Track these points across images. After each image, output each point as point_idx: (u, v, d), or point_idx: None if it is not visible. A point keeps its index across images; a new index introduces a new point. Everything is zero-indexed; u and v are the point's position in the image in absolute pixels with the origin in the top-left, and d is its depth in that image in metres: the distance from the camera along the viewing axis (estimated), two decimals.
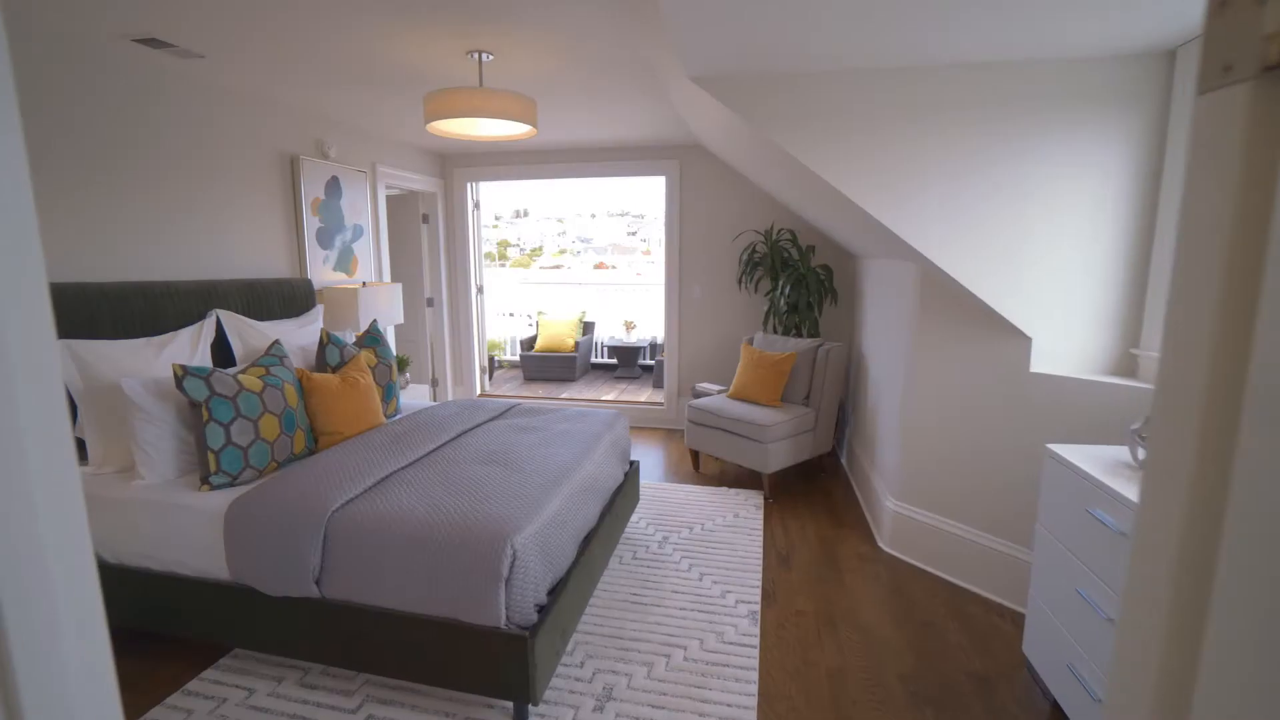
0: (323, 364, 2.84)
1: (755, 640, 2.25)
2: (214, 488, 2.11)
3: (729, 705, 1.92)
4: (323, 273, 3.65)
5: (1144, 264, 2.20)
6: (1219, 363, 0.37)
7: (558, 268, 12.00)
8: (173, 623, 2.08)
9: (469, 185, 5.17)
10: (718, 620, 2.37)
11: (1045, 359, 2.36)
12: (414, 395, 4.22)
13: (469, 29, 2.30)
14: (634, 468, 3.08)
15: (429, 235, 5.11)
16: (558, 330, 7.06)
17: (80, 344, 2.22)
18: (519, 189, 10.90)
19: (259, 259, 3.24)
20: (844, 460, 4.26)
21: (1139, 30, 1.89)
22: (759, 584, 2.64)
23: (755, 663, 2.12)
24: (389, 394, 3.03)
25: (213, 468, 2.11)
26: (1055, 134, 2.16)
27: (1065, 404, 2.27)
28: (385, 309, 3.74)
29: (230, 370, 2.30)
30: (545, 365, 6.93)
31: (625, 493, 2.84)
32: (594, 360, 7.75)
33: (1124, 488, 1.57)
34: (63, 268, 2.35)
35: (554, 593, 1.94)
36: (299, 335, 3.03)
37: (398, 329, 5.17)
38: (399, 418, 2.83)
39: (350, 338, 3.34)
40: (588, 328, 7.58)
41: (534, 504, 1.96)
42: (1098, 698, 1.56)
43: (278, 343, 2.61)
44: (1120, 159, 2.15)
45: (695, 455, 4.04)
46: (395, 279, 5.02)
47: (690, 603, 2.49)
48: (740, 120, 2.48)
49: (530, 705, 1.80)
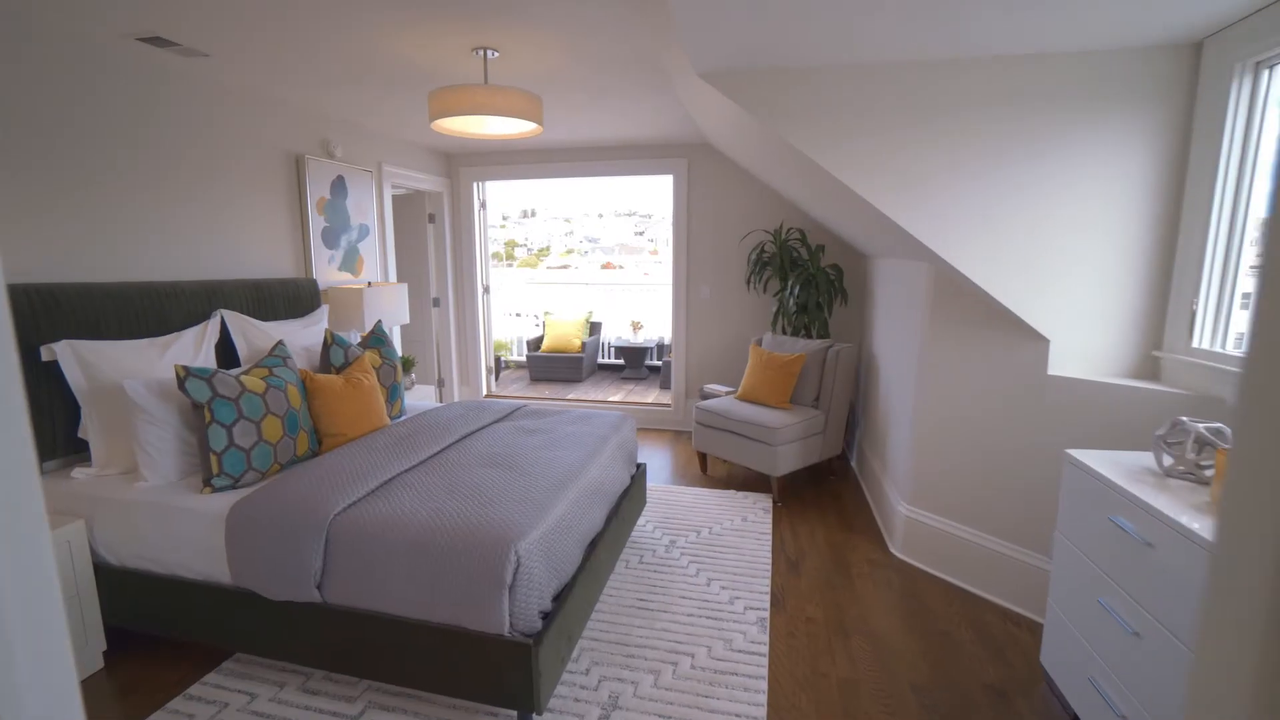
0: (327, 365, 2.81)
1: (764, 648, 2.20)
2: (216, 490, 2.09)
3: (737, 715, 1.87)
4: (328, 273, 3.64)
5: (1167, 263, 2.13)
6: None
7: (565, 268, 11.98)
8: (175, 626, 2.06)
9: (475, 185, 5.14)
10: (726, 627, 2.32)
11: (1063, 361, 2.29)
12: (420, 396, 4.20)
13: (474, 25, 2.27)
14: (641, 470, 3.04)
15: (435, 235, 5.09)
16: (564, 331, 7.03)
17: (83, 344, 2.20)
18: (526, 189, 10.89)
19: (264, 259, 3.23)
20: (854, 463, 4.20)
21: (1163, 21, 1.82)
22: (768, 590, 2.59)
23: (764, 671, 2.08)
24: (393, 395, 3.01)
25: (215, 470, 2.08)
26: (1075, 129, 2.10)
27: (1084, 408, 2.21)
28: (390, 309, 3.72)
29: (233, 371, 2.28)
30: (552, 366, 6.90)
31: (632, 496, 2.80)
32: (601, 361, 7.71)
33: (1148, 495, 1.51)
34: (66, 268, 2.34)
35: (559, 598, 1.90)
36: (303, 336, 3.01)
37: (404, 329, 5.15)
38: (403, 419, 2.80)
39: (355, 338, 3.32)
40: (594, 328, 7.54)
41: (539, 508, 1.92)
42: (1121, 713, 1.50)
43: (281, 343, 2.58)
44: (1143, 155, 2.08)
45: (703, 457, 4.00)
46: (401, 279, 5.00)
47: (698, 608, 2.44)
48: (749, 117, 2.44)
49: (534, 714, 1.76)
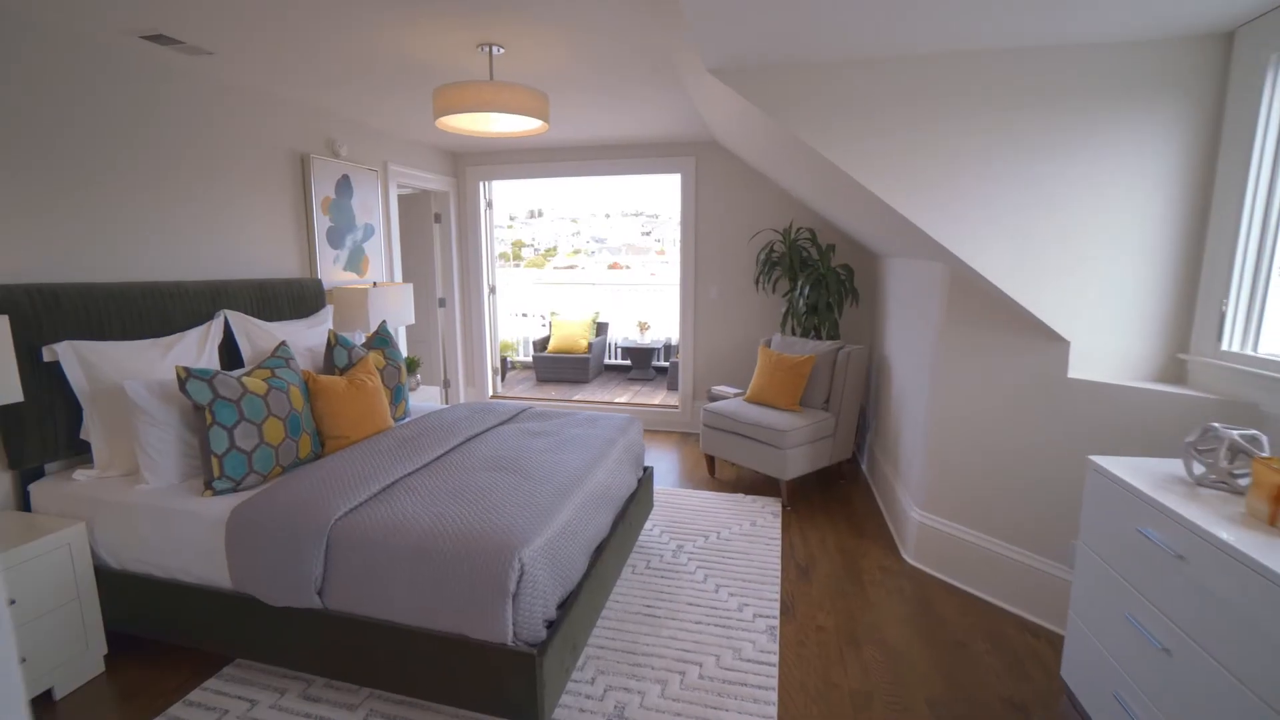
0: (330, 366, 2.78)
1: (774, 658, 2.14)
2: (217, 493, 2.05)
3: None
4: (333, 273, 3.61)
5: (1194, 262, 2.06)
6: None
7: (572, 268, 11.96)
8: (175, 631, 2.03)
9: (481, 184, 5.11)
10: (734, 635, 2.27)
11: (1084, 364, 2.22)
12: (425, 397, 4.16)
13: (479, 20, 2.23)
14: (648, 474, 2.99)
15: (441, 235, 5.06)
16: (571, 331, 6.99)
17: (85, 345, 2.18)
18: (533, 189, 10.88)
19: (268, 259, 3.20)
20: (864, 466, 4.13)
21: (1193, 10, 1.75)
22: (777, 597, 2.53)
23: (774, 682, 2.02)
24: (397, 396, 2.97)
25: (216, 472, 2.05)
26: (1099, 124, 2.03)
27: (1106, 412, 2.14)
28: (396, 309, 3.69)
29: (235, 372, 2.24)
30: (558, 366, 6.86)
31: (639, 500, 2.75)
32: (607, 361, 7.66)
33: (1179, 505, 1.44)
34: (68, 267, 2.31)
35: (564, 605, 1.86)
36: (307, 336, 2.98)
37: (409, 330, 5.13)
38: (407, 421, 2.77)
39: (360, 339, 3.29)
40: (601, 328, 7.50)
41: (544, 514, 1.87)
42: None
43: (284, 344, 2.55)
44: (1170, 150, 2.01)
45: (711, 460, 3.94)
46: (407, 279, 4.98)
47: (705, 616, 2.39)
48: (761, 115, 2.38)
49: None
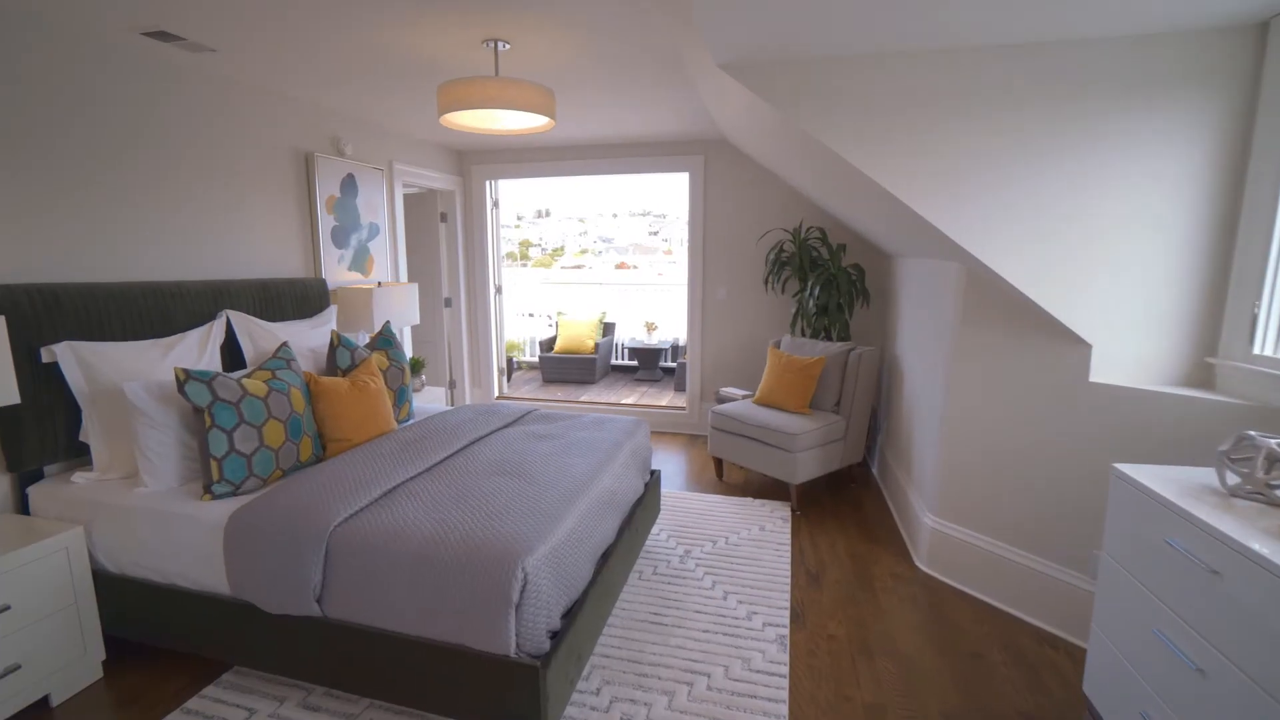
0: (333, 367, 2.74)
1: (784, 669, 2.09)
2: (216, 497, 2.02)
3: None
4: (337, 272, 3.58)
5: (1224, 262, 1.98)
6: None
7: (579, 267, 11.93)
8: (173, 637, 2.00)
9: (488, 183, 5.07)
10: (743, 645, 2.21)
11: (1106, 368, 2.15)
12: (430, 398, 4.13)
13: (484, 15, 2.18)
14: (655, 477, 2.93)
15: (447, 234, 5.03)
16: (577, 331, 6.94)
17: (84, 346, 2.15)
18: (541, 189, 10.84)
19: (272, 258, 3.17)
20: (875, 470, 4.06)
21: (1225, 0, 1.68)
22: (787, 604, 2.47)
23: (785, 694, 1.96)
24: (401, 398, 2.93)
25: (215, 476, 2.02)
26: (1123, 120, 1.96)
27: (1130, 418, 2.06)
28: (401, 309, 3.65)
29: (235, 374, 2.21)
30: (564, 367, 6.82)
31: (646, 504, 2.69)
32: (614, 362, 7.61)
33: (1213, 517, 1.37)
34: (68, 267, 2.29)
35: (569, 614, 1.81)
36: (311, 337, 2.95)
37: (415, 330, 5.10)
38: (411, 423, 2.73)
39: (364, 339, 3.25)
40: (608, 329, 7.45)
41: (548, 521, 1.82)
42: None
43: (285, 345, 2.52)
44: (1199, 145, 1.93)
45: (719, 463, 3.88)
46: (412, 279, 4.95)
47: (714, 624, 2.33)
48: (772, 112, 2.32)
49: None
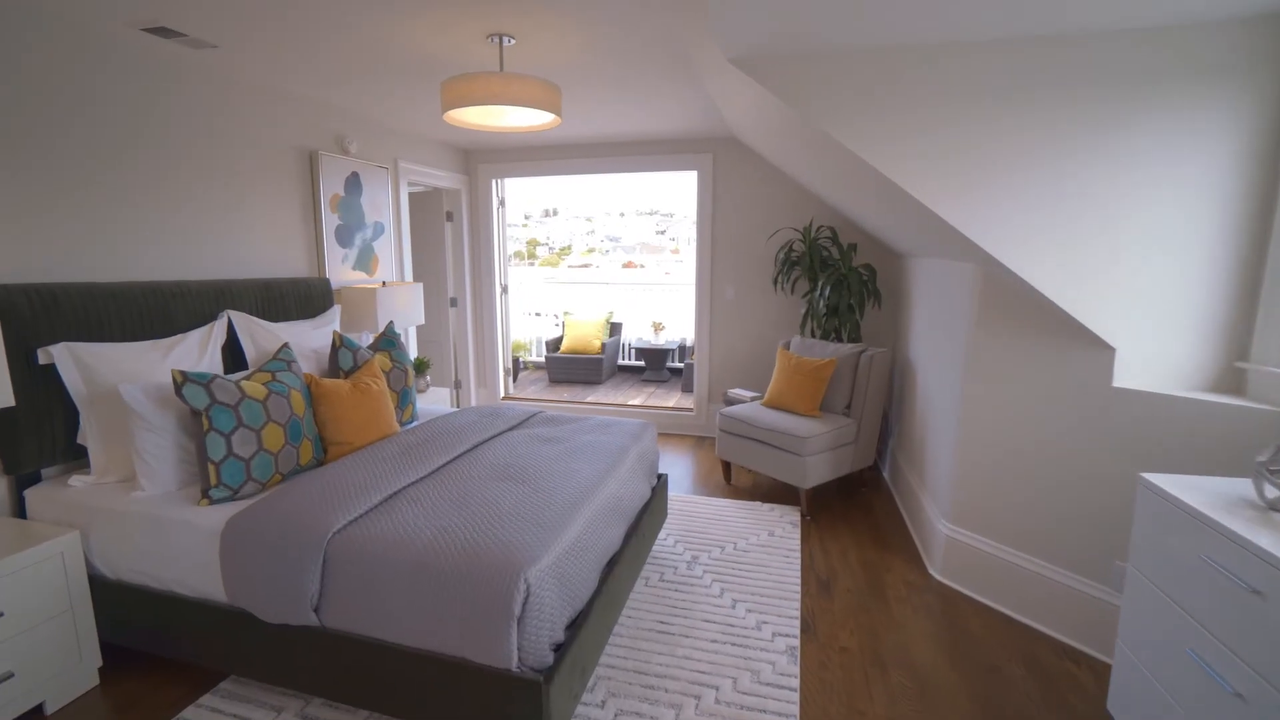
0: (335, 368, 2.70)
1: (795, 682, 2.02)
2: (214, 502, 1.98)
3: None
4: (342, 272, 3.54)
5: (1257, 262, 1.90)
6: None
7: (586, 266, 11.89)
8: (169, 645, 1.96)
9: (494, 182, 5.03)
10: (753, 656, 2.15)
11: (1130, 372, 2.07)
12: (435, 399, 4.08)
13: (488, 8, 2.12)
14: (662, 481, 2.88)
15: (453, 233, 4.99)
16: (584, 331, 6.89)
17: (82, 347, 2.11)
18: (548, 188, 10.81)
19: (275, 258, 3.14)
20: (886, 474, 3.98)
21: None
22: (797, 614, 2.41)
23: (795, 709, 1.90)
24: (404, 400, 2.89)
25: (213, 480, 1.98)
26: (1150, 114, 1.88)
27: (1156, 425, 1.99)
28: (405, 309, 3.61)
29: (234, 376, 2.17)
30: (571, 367, 6.77)
31: (653, 510, 2.64)
32: (621, 362, 7.56)
33: (1251, 533, 1.30)
34: (67, 267, 2.25)
35: (573, 626, 1.75)
36: (313, 337, 2.91)
37: (420, 330, 5.06)
38: (414, 425, 2.68)
39: (367, 339, 3.21)
40: (615, 328, 7.39)
41: (552, 529, 1.77)
42: None
43: (286, 346, 2.48)
44: (1232, 141, 1.85)
45: (726, 466, 3.82)
46: (417, 278, 4.91)
47: (722, 634, 2.27)
48: (784, 108, 2.25)
49: None
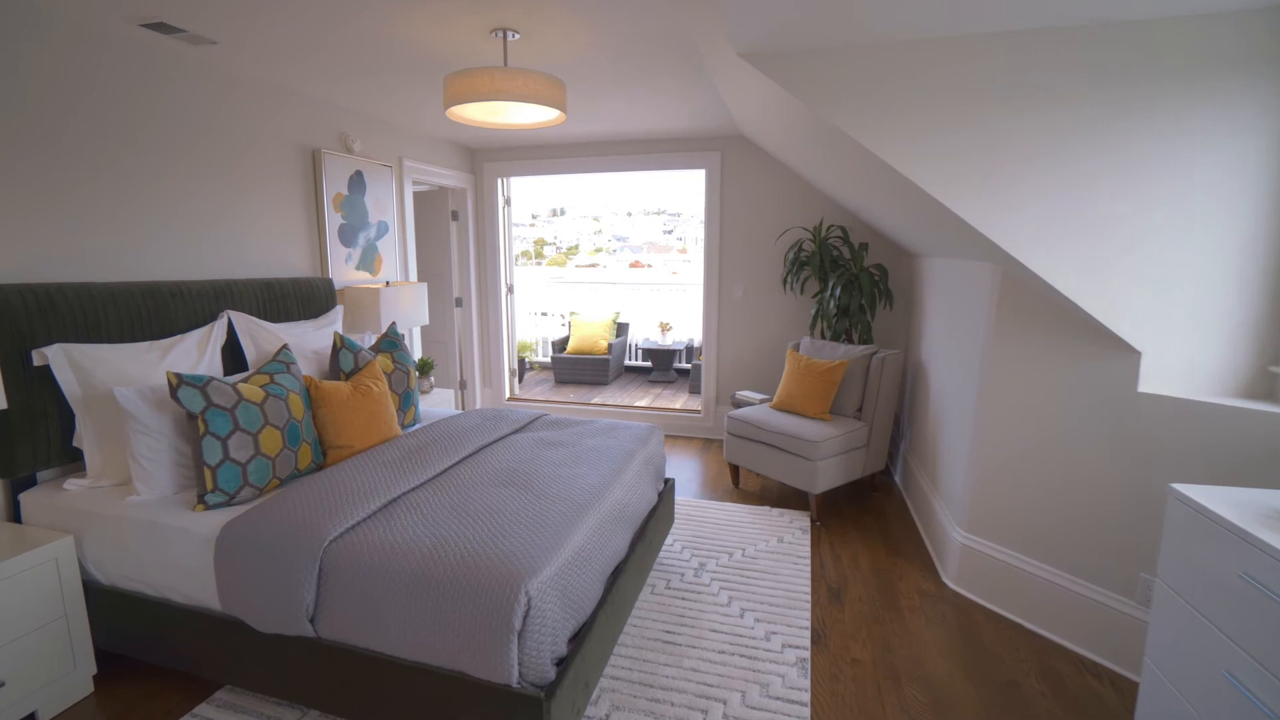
0: (336, 370, 2.66)
1: (805, 695, 1.96)
2: (209, 507, 1.93)
3: None
4: (345, 271, 3.50)
5: None
6: None
7: (594, 266, 11.85)
8: (162, 653, 1.92)
9: (500, 181, 4.98)
10: (761, 668, 2.09)
11: (1157, 377, 1.99)
12: (439, 400, 4.04)
13: (491, 1, 2.07)
14: (669, 486, 2.81)
15: (458, 233, 4.94)
16: (590, 331, 6.84)
17: (77, 348, 2.07)
18: (556, 188, 10.77)
19: (277, 257, 3.10)
20: (898, 478, 3.90)
21: None
22: (807, 623, 2.34)
23: None
24: (406, 402, 2.84)
25: (209, 485, 1.93)
26: (1181, 107, 1.80)
27: (1184, 433, 1.90)
28: (409, 310, 3.56)
29: (230, 378, 2.12)
30: (577, 368, 6.72)
31: (659, 515, 2.57)
32: (628, 363, 7.49)
33: None
34: (65, 267, 2.21)
35: (577, 637, 1.69)
36: (315, 338, 2.87)
37: (424, 330, 5.02)
38: (416, 429, 2.63)
39: (370, 340, 3.17)
40: (621, 329, 7.33)
41: (555, 538, 1.71)
42: None
43: (285, 348, 2.43)
44: (1264, 135, 1.77)
45: (735, 470, 3.75)
46: (422, 278, 4.87)
47: (730, 644, 2.21)
48: (794, 103, 2.19)
49: None
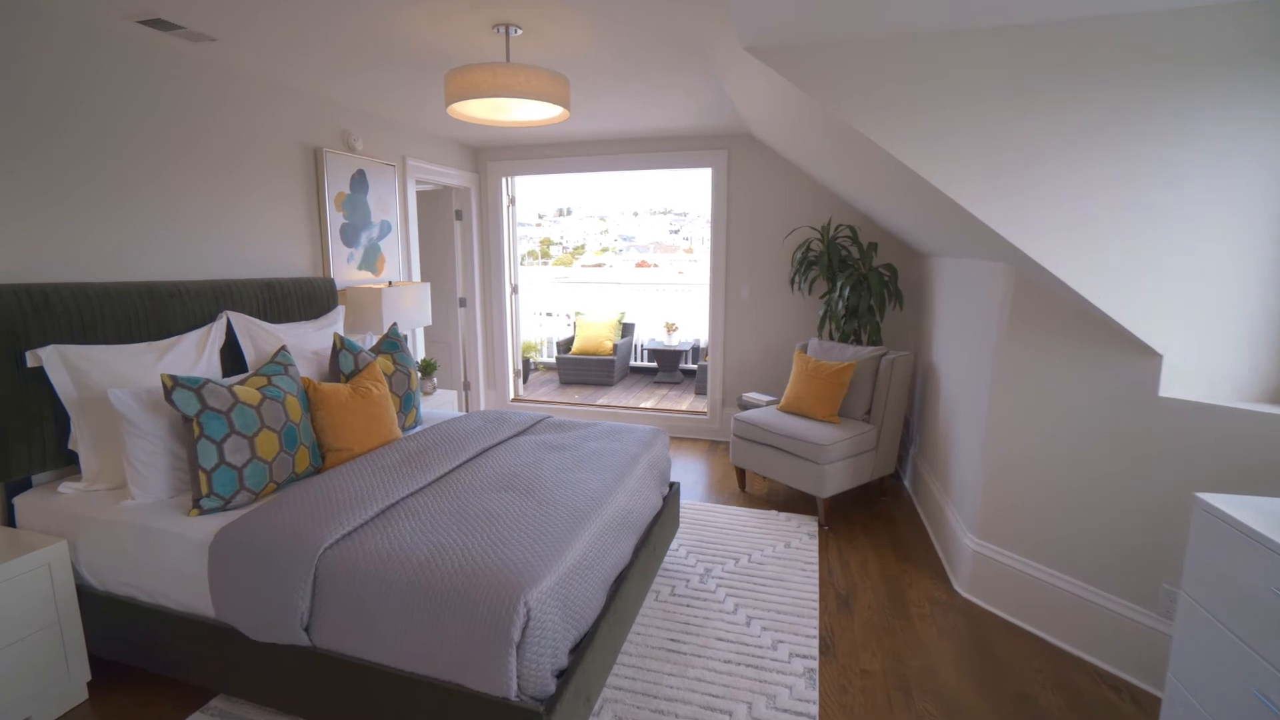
0: (336, 372, 2.62)
1: (813, 708, 1.90)
2: (205, 512, 1.90)
3: None
4: (347, 271, 3.47)
5: None
6: None
7: (600, 265, 11.82)
8: (156, 660, 1.88)
9: (504, 180, 4.94)
10: (768, 679, 2.03)
11: (1179, 382, 1.92)
12: (442, 401, 4.00)
13: None
14: (674, 490, 2.76)
15: (462, 232, 4.91)
16: (596, 332, 6.79)
17: (72, 349, 2.04)
18: (562, 188, 10.74)
19: (278, 257, 3.06)
20: (907, 482, 3.83)
21: None
22: (815, 632, 2.29)
23: None
24: (407, 404, 2.80)
25: (204, 489, 1.89)
26: (1205, 102, 1.73)
27: (1208, 439, 1.84)
28: (411, 310, 3.53)
29: (227, 380, 2.08)
30: (582, 368, 6.67)
31: (664, 520, 2.52)
32: (633, 364, 7.44)
33: None
34: (62, 267, 2.18)
35: (578, 648, 1.65)
36: (315, 339, 2.83)
37: (428, 331, 4.99)
38: (417, 431, 2.59)
39: (371, 341, 3.13)
40: (627, 329, 7.28)
41: (556, 546, 1.66)
42: None
43: (284, 349, 2.39)
44: None
45: (741, 473, 3.69)
46: (425, 278, 4.83)
47: (736, 654, 2.16)
48: (802, 99, 2.13)
49: None
